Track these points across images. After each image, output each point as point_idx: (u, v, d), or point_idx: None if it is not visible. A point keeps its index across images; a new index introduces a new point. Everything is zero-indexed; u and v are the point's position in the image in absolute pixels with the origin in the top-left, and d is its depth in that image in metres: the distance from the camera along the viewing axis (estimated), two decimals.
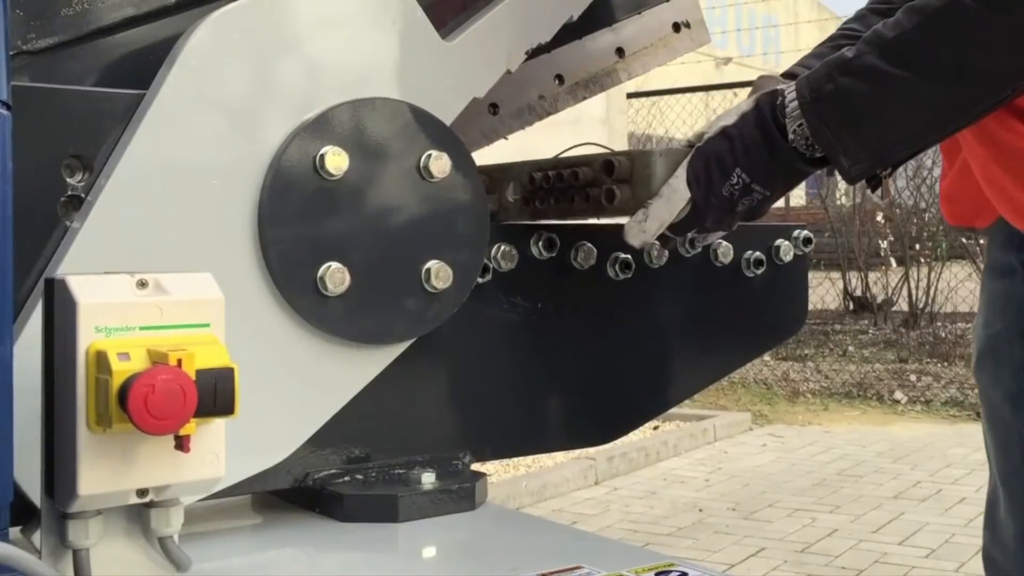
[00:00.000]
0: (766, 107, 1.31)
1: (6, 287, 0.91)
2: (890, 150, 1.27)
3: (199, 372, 0.89)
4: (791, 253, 1.71)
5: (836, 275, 11.00)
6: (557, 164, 1.49)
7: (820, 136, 1.26)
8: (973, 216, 1.58)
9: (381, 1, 1.33)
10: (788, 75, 1.46)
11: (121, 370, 0.88)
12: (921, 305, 10.40)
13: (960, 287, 10.23)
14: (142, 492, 0.94)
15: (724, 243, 1.63)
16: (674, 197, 1.35)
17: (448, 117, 1.38)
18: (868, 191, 1.38)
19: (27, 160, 1.04)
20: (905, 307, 10.55)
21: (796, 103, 1.28)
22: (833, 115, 1.25)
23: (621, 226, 1.41)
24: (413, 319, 1.36)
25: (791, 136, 1.29)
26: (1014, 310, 1.50)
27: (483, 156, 1.61)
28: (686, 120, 10.71)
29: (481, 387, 1.50)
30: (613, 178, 1.40)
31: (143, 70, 1.22)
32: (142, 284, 0.95)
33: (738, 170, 1.31)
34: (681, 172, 1.34)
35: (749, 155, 1.31)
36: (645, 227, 1.37)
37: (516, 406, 1.54)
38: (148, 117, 1.19)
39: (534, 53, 1.63)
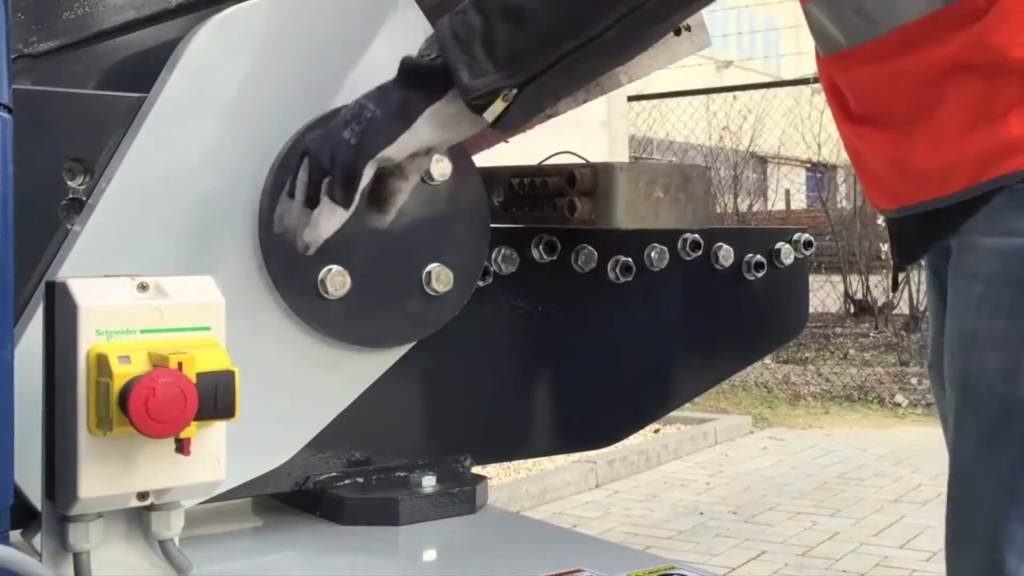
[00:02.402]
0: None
1: (7, 290, 0.91)
2: (521, 60, 1.10)
3: (200, 375, 0.89)
4: (792, 256, 1.71)
5: (837, 278, 10.99)
6: (534, 172, 1.50)
7: (448, 51, 1.10)
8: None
9: (382, 3, 1.33)
10: None
11: (122, 373, 0.88)
12: (922, 308, 10.39)
13: None
14: (143, 495, 0.94)
15: (725, 246, 1.63)
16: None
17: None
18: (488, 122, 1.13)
19: (28, 163, 1.04)
20: (906, 310, 10.55)
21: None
22: (466, 24, 1.10)
23: (621, 230, 1.41)
24: (413, 322, 1.36)
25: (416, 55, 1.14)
26: (935, 318, 1.41)
27: (482, 158, 1.61)
28: (687, 123, 10.72)
29: (482, 390, 1.50)
30: (576, 189, 1.41)
31: (144, 73, 1.22)
32: (143, 287, 0.95)
33: (362, 98, 1.16)
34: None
35: (381, 85, 1.16)
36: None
37: (517, 409, 1.54)
38: (149, 120, 1.19)
39: None
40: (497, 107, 1.10)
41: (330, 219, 1.14)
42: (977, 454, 1.17)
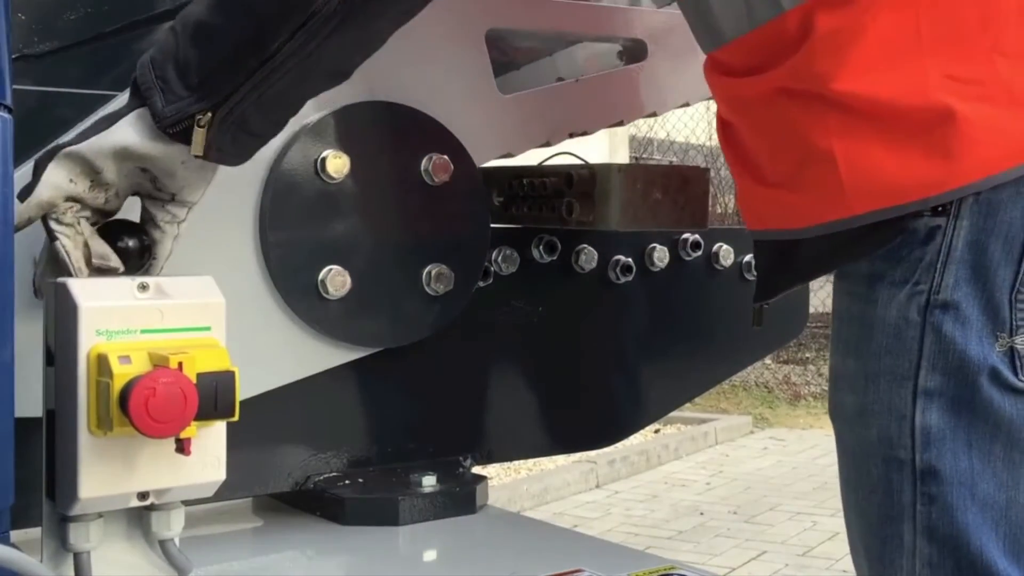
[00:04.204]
0: None
1: (7, 289, 0.91)
2: (212, 81, 1.04)
3: (200, 375, 0.89)
4: None
5: None
6: (533, 172, 1.50)
7: (144, 78, 1.05)
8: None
9: None
10: None
11: (122, 373, 0.88)
12: None
13: None
14: (143, 495, 0.94)
15: (725, 246, 1.63)
16: None
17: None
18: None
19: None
20: None
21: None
22: (163, 50, 1.05)
23: (620, 231, 1.42)
24: (414, 323, 1.37)
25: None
26: None
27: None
28: (687, 124, 10.72)
29: (482, 390, 1.50)
30: (574, 191, 1.41)
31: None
32: (143, 287, 0.95)
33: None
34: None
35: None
36: None
37: (517, 409, 1.54)
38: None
39: (536, 55, 1.64)
40: (199, 137, 1.04)
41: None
42: (847, 497, 1.14)
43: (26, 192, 1.02)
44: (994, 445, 1.03)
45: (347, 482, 1.38)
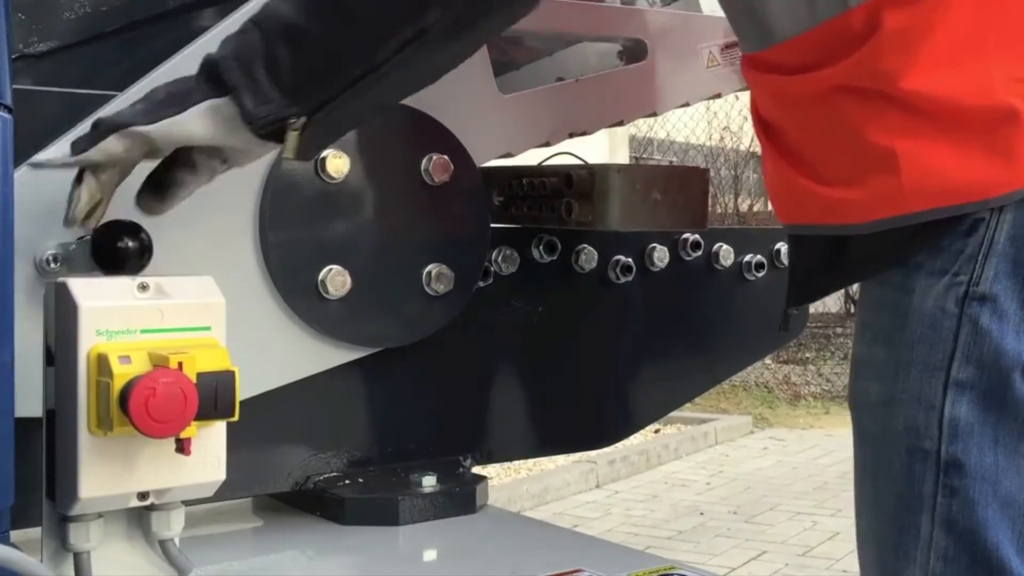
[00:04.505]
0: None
1: (7, 288, 0.91)
2: (305, 85, 1.03)
3: (200, 375, 0.89)
4: None
5: None
6: (533, 172, 1.50)
7: (227, 73, 1.03)
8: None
9: None
10: None
11: (122, 373, 0.88)
12: None
13: None
14: (143, 495, 0.94)
15: (725, 246, 1.63)
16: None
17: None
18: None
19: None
20: None
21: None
22: (248, 45, 1.03)
23: (620, 231, 1.41)
24: (414, 323, 1.37)
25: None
26: None
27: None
28: (687, 123, 10.71)
29: (482, 390, 1.50)
30: (573, 191, 1.41)
31: (144, 74, 1.22)
32: (143, 287, 0.95)
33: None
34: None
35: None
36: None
37: (517, 409, 1.54)
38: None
39: (536, 55, 1.64)
40: (293, 140, 1.04)
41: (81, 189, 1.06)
42: (864, 485, 1.14)
43: (78, 144, 1.03)
44: (1021, 443, 1.03)
45: (347, 482, 1.38)
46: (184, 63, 1.21)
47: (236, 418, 0.92)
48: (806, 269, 1.19)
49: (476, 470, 1.48)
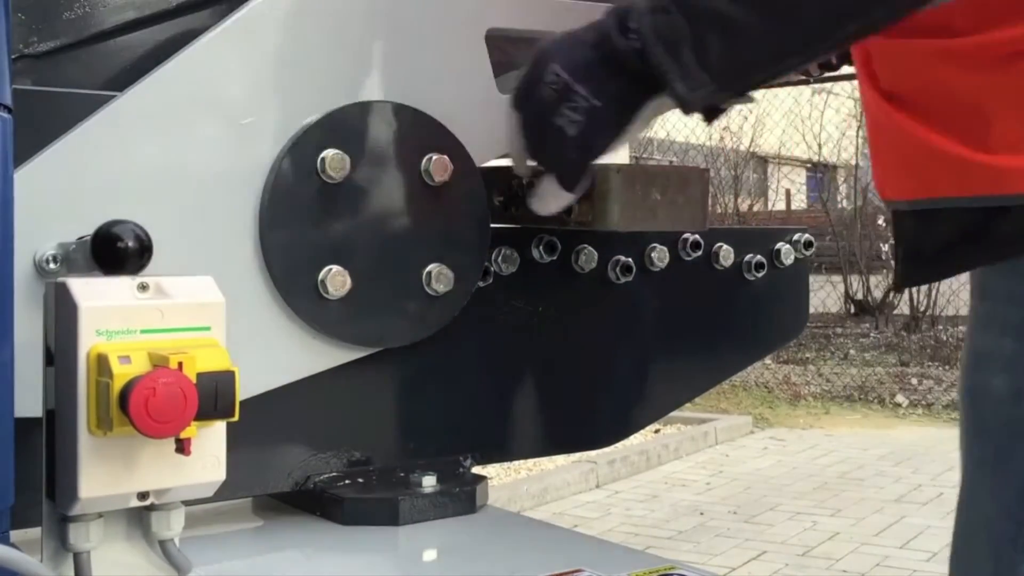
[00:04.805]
0: (612, 15, 1.11)
1: (7, 288, 0.91)
2: (736, 73, 1.08)
3: (200, 375, 0.89)
4: (792, 256, 1.71)
5: (837, 278, 10.99)
6: (532, 172, 1.49)
7: (653, 55, 1.05)
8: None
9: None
10: None
11: (122, 373, 0.88)
12: (922, 308, 10.40)
13: (961, 290, 10.22)
14: (143, 495, 0.94)
15: (725, 246, 1.63)
16: (510, 121, 1.20)
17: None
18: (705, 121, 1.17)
19: None
20: (906, 310, 10.55)
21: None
22: (671, 28, 1.05)
23: (620, 231, 1.41)
24: (414, 322, 1.37)
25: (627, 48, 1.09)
26: None
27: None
28: (687, 124, 10.71)
29: (482, 390, 1.50)
30: None
31: (144, 73, 1.22)
32: (143, 287, 0.95)
33: (555, 65, 1.12)
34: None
35: (572, 51, 1.12)
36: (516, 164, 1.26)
37: (517, 409, 1.54)
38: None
39: None
40: (716, 114, 1.13)
41: (557, 198, 1.21)
42: (980, 478, 1.13)
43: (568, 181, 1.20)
44: None
45: (347, 482, 1.38)
46: (184, 63, 1.21)
47: (236, 418, 0.92)
48: (941, 245, 1.15)
49: (476, 470, 1.48)
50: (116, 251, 1.04)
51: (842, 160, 13.09)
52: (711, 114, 1.13)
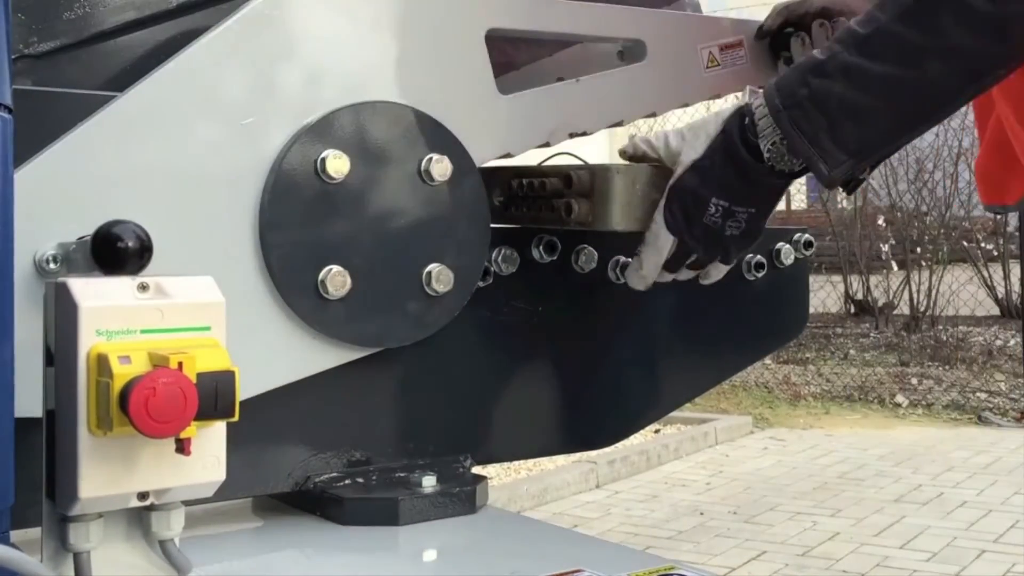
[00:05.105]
0: (734, 129, 1.30)
1: (7, 287, 0.91)
2: (869, 149, 1.25)
3: (200, 375, 0.89)
4: (792, 256, 1.71)
5: (837, 278, 10.99)
6: (533, 172, 1.50)
7: (796, 145, 1.24)
8: (1003, 193, 1.56)
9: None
10: None
11: (122, 373, 0.88)
12: (922, 308, 10.39)
13: (961, 290, 10.23)
14: (143, 495, 0.94)
15: None
16: (658, 241, 1.37)
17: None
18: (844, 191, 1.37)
19: None
20: (906, 310, 10.54)
21: (768, 117, 1.26)
22: (808, 120, 1.23)
23: (620, 231, 1.41)
24: (414, 322, 1.37)
25: (766, 155, 1.28)
26: None
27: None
28: (688, 123, 10.68)
29: (482, 390, 1.50)
30: (572, 191, 1.41)
31: (144, 73, 1.22)
32: (143, 287, 0.95)
33: (714, 199, 1.32)
34: (659, 216, 1.36)
35: (722, 184, 1.31)
36: (643, 274, 1.40)
37: (517, 409, 1.54)
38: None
39: (536, 56, 1.64)
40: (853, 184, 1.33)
41: (721, 272, 1.44)
42: None
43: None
44: None
45: (347, 482, 1.38)
46: (184, 63, 1.21)
47: (236, 418, 0.92)
48: None
49: (476, 470, 1.48)
50: (116, 251, 1.04)
51: None
52: (852, 186, 1.32)
